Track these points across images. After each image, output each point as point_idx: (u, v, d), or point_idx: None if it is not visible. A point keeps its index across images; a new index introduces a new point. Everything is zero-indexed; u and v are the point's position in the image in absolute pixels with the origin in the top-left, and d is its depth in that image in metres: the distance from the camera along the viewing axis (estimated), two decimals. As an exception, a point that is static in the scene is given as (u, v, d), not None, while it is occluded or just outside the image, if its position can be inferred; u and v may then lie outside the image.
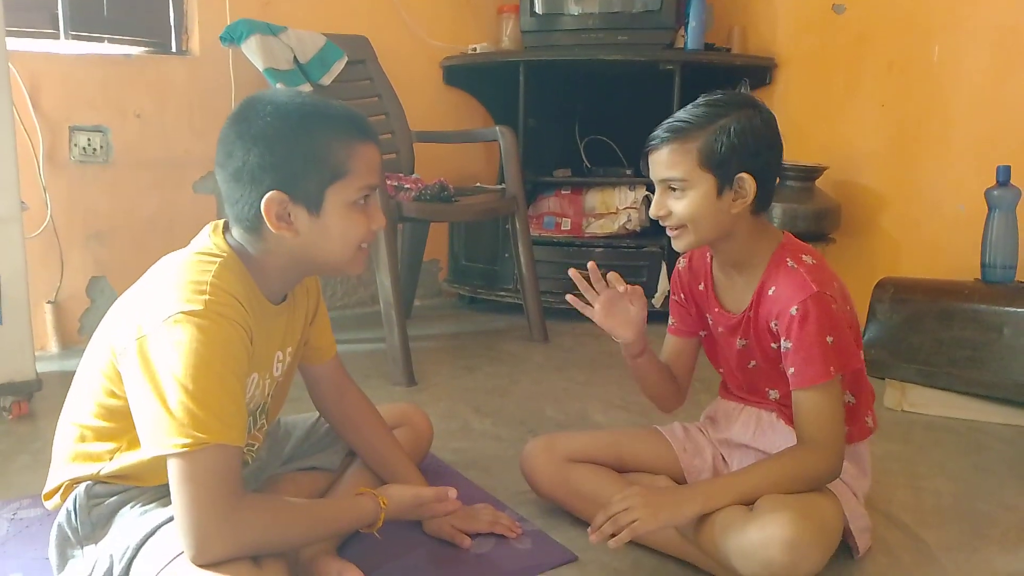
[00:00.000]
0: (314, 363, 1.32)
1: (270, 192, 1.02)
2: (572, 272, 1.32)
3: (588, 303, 1.33)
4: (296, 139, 1.02)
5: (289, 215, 1.04)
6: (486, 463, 1.69)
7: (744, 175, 1.20)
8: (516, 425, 1.92)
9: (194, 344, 0.95)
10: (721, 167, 1.19)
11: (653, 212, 1.26)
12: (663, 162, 1.22)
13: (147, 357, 0.97)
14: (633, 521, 1.13)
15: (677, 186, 1.22)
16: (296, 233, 1.05)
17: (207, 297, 0.98)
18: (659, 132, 1.23)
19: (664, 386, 1.42)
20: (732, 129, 1.18)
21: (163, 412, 0.94)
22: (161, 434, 0.94)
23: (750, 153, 1.20)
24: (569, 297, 1.33)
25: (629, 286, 1.30)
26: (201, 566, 0.94)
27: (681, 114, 1.22)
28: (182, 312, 0.96)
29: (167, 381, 0.95)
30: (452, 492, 1.22)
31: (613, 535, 1.14)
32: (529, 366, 2.43)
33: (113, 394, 1.03)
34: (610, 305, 1.32)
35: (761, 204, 1.24)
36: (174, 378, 0.94)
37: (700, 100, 1.24)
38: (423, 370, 2.33)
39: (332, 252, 1.09)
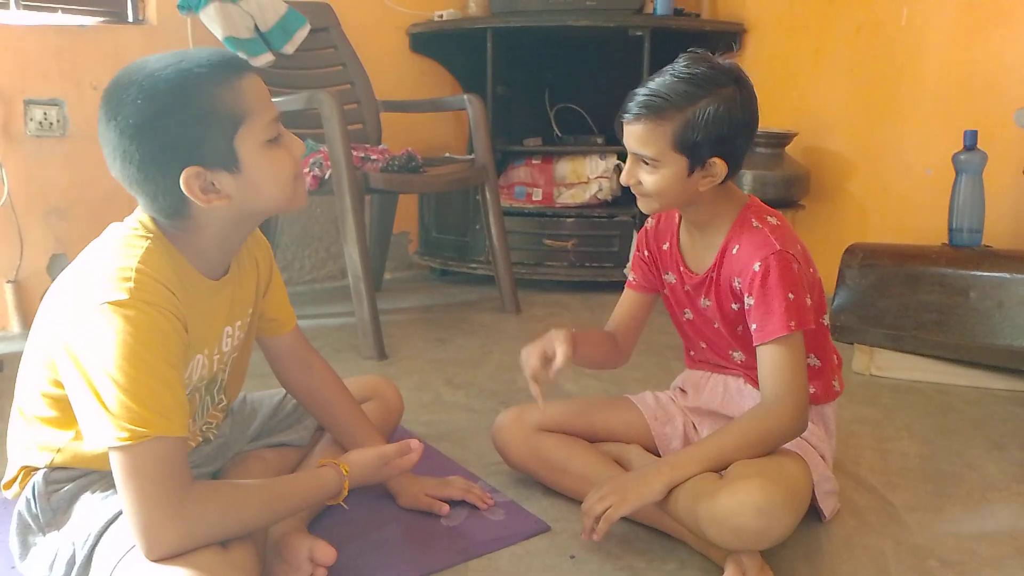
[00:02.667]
0: (272, 335, 1.29)
1: (184, 171, 0.96)
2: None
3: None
4: (178, 108, 0.95)
5: (213, 184, 0.99)
6: (458, 435, 1.68)
7: (716, 160, 1.19)
8: (488, 396, 1.92)
9: (121, 335, 0.91)
10: (694, 151, 1.18)
11: (623, 179, 1.26)
12: (636, 137, 1.21)
13: (75, 352, 0.94)
14: (607, 509, 1.16)
15: (648, 161, 1.21)
16: (228, 198, 1.00)
17: (131, 285, 0.94)
18: (634, 105, 1.19)
19: (604, 356, 1.42)
20: (709, 113, 1.16)
21: (99, 407, 0.91)
22: (99, 429, 0.92)
23: (723, 139, 1.18)
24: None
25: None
26: (155, 561, 0.92)
27: (659, 87, 1.18)
28: (107, 302, 0.92)
29: (98, 376, 0.92)
30: (414, 443, 1.20)
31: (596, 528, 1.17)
32: (501, 337, 2.42)
33: (57, 383, 1.00)
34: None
35: (729, 176, 1.24)
36: (105, 372, 0.91)
37: (681, 69, 1.19)
38: (394, 343, 2.31)
39: (270, 198, 1.03)
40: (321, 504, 1.20)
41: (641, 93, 1.19)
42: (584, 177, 2.98)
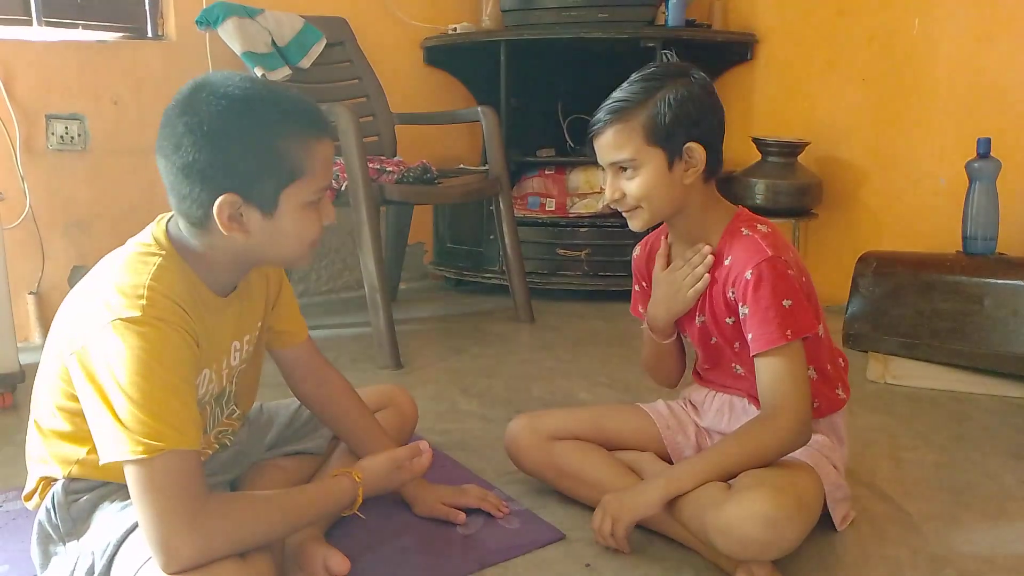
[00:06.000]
0: (285, 347, 1.30)
1: (223, 195, 0.97)
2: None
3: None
4: (252, 138, 0.97)
5: (241, 215, 1.00)
6: (473, 444, 1.69)
7: (692, 144, 1.20)
8: (503, 405, 1.93)
9: (134, 351, 0.93)
10: (668, 140, 1.19)
11: (607, 197, 1.26)
12: (609, 145, 1.22)
13: (89, 368, 0.95)
14: (611, 523, 1.19)
15: (628, 166, 1.22)
16: (248, 234, 1.01)
17: (144, 302, 0.95)
18: (599, 116, 1.22)
19: (676, 366, 1.44)
20: (671, 99, 1.18)
21: (113, 422, 0.93)
22: (114, 443, 0.93)
23: (693, 121, 1.20)
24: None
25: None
26: (172, 575, 0.92)
27: (617, 94, 1.22)
28: (120, 319, 0.94)
29: (112, 392, 0.93)
30: (424, 444, 1.21)
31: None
32: (515, 346, 2.43)
33: (72, 397, 1.01)
34: (671, 275, 1.31)
35: (711, 170, 1.24)
36: (119, 388, 0.92)
37: (634, 77, 1.24)
38: (410, 353, 2.33)
39: (284, 252, 1.06)
40: (337, 514, 1.21)
41: (602, 107, 1.23)
42: (597, 187, 2.99)
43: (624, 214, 1.27)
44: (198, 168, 0.97)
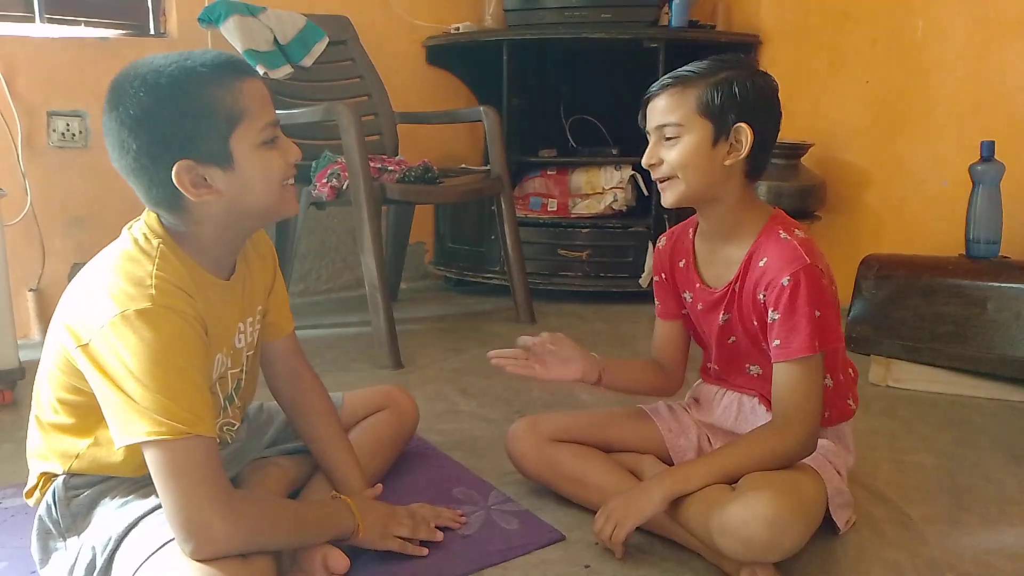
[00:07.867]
0: (270, 338, 1.29)
1: (176, 164, 0.98)
2: (494, 362, 1.37)
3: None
4: (177, 103, 0.97)
5: (204, 179, 1.01)
6: (473, 444, 1.69)
7: (742, 125, 1.19)
8: (503, 406, 1.92)
9: (146, 343, 0.93)
10: (719, 115, 1.19)
11: (645, 160, 1.25)
12: (660, 108, 1.22)
13: (99, 361, 0.95)
14: (615, 527, 1.19)
15: (672, 132, 1.21)
16: (218, 194, 1.01)
17: (152, 292, 0.96)
18: (660, 80, 1.23)
19: (649, 384, 1.44)
20: (734, 82, 1.18)
21: (129, 402, 0.93)
22: (130, 424, 0.93)
23: (749, 108, 1.19)
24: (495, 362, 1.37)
25: (543, 337, 1.37)
26: (203, 560, 0.93)
27: (685, 66, 1.23)
28: (131, 311, 0.94)
29: (126, 381, 0.93)
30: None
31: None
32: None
33: (74, 390, 1.01)
34: (543, 362, 1.35)
35: (754, 167, 1.23)
36: (132, 378, 0.93)
37: (707, 58, 1.24)
38: (410, 353, 2.32)
39: (259, 199, 1.05)
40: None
41: (667, 75, 1.23)
42: (599, 188, 2.99)
43: (658, 185, 1.26)
44: (144, 152, 0.98)
